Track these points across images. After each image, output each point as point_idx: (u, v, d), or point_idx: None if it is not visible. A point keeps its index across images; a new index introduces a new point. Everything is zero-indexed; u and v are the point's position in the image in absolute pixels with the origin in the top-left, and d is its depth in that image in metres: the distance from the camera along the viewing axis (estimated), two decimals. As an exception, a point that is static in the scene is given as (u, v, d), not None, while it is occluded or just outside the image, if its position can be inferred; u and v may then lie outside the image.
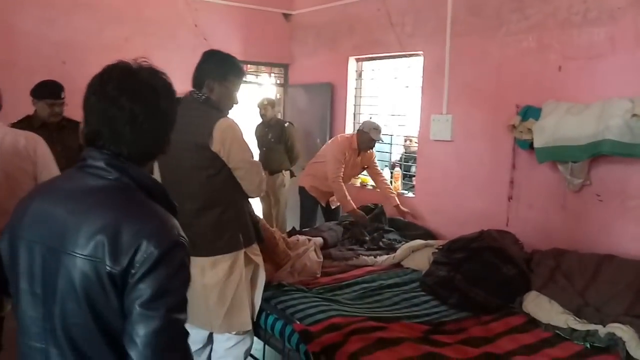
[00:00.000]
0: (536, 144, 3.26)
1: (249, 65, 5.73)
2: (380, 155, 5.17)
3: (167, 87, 1.13)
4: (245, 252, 2.37)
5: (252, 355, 2.54)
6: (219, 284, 2.30)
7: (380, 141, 4.29)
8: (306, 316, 2.39)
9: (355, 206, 4.13)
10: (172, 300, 1.01)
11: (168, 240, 1.01)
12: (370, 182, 4.98)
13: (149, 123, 1.07)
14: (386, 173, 4.83)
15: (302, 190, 4.54)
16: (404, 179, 4.78)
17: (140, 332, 0.97)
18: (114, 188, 1.06)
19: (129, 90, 1.06)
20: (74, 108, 4.03)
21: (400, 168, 4.79)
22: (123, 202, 1.04)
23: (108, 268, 0.98)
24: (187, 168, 2.26)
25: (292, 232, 4.04)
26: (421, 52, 4.30)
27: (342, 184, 4.15)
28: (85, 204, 1.03)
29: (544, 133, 3.20)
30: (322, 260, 3.22)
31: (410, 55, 4.46)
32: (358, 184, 5.04)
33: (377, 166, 4.46)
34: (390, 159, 5.19)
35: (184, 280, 1.04)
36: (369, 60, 5.01)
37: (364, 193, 4.88)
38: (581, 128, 3.02)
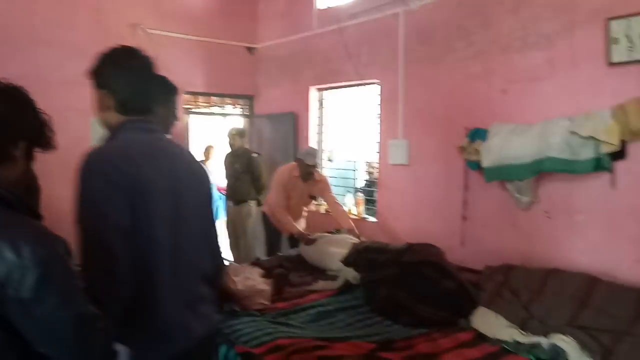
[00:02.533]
0: (484, 164, 3.35)
1: (213, 98, 5.83)
2: (344, 181, 5.25)
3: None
4: None
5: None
6: None
7: (316, 166, 4.32)
8: (252, 339, 2.37)
9: (299, 229, 4.24)
10: (75, 301, 1.04)
11: (44, 243, 1.02)
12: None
13: None
14: (349, 199, 4.88)
15: (265, 217, 4.57)
16: (367, 204, 4.83)
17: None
18: None
19: None
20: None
21: (363, 193, 4.84)
22: None
23: None
24: None
25: (256, 262, 4.04)
26: (377, 81, 4.42)
27: (283, 211, 4.27)
28: None
29: (491, 153, 3.30)
30: (268, 288, 3.18)
31: (368, 84, 4.59)
32: (322, 211, 5.07)
33: (330, 193, 4.45)
34: (355, 185, 5.24)
35: (70, 273, 1.06)
36: (329, 90, 5.13)
37: (327, 219, 4.90)
38: (524, 147, 3.13)
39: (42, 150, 1.19)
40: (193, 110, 5.86)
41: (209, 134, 7.43)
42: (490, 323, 2.58)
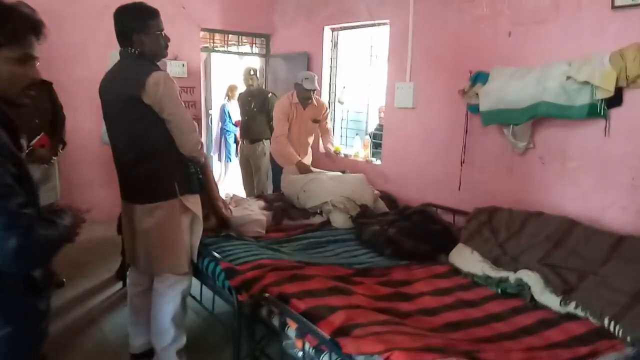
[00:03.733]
0: (481, 108, 3.36)
1: (229, 36, 5.87)
2: (355, 124, 5.31)
3: None
4: (181, 201, 2.49)
5: (191, 295, 2.73)
6: (156, 229, 2.46)
7: (314, 90, 4.39)
8: (237, 258, 2.58)
9: (298, 158, 4.33)
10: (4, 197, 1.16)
11: None
12: (342, 150, 5.13)
13: None
14: (357, 142, 4.96)
15: (271, 156, 4.73)
16: (376, 148, 4.90)
17: None
18: None
19: None
20: (50, 71, 4.20)
21: (371, 137, 4.90)
22: None
23: None
24: (122, 120, 2.39)
25: (260, 195, 4.24)
26: (388, 21, 4.38)
27: (285, 141, 4.37)
28: None
29: (489, 97, 3.30)
30: (264, 219, 3.36)
31: (379, 24, 4.55)
32: (332, 152, 5.18)
33: (326, 121, 4.67)
34: (367, 129, 5.29)
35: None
36: (343, 30, 5.10)
37: (336, 161, 5.03)
38: (522, 91, 3.12)
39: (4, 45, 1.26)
40: (209, 48, 5.92)
41: (229, 74, 7.50)
42: (465, 258, 2.70)
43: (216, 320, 2.66)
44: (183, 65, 5.29)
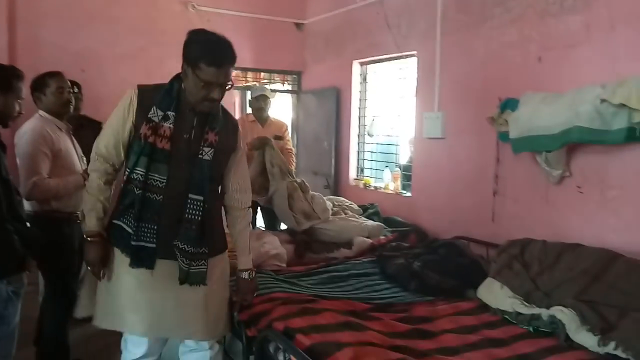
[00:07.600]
0: (511, 135, 3.21)
1: (262, 74, 5.99)
2: (386, 157, 5.21)
3: None
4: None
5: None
6: None
7: (265, 99, 4.31)
8: (249, 291, 2.48)
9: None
10: None
11: None
12: (372, 183, 5.03)
13: None
14: (387, 174, 4.85)
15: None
16: (408, 180, 4.76)
17: None
18: None
19: None
20: (91, 111, 4.29)
21: (401, 169, 4.78)
22: None
23: None
24: None
25: (283, 230, 4.14)
26: (415, 52, 4.34)
27: None
28: None
29: (519, 123, 3.15)
30: (284, 251, 3.28)
31: (406, 56, 4.51)
32: (361, 186, 5.09)
33: (288, 139, 4.56)
34: (397, 161, 5.17)
35: None
36: (371, 64, 5.09)
37: (365, 194, 4.93)
38: (554, 117, 2.96)
39: None
40: (242, 86, 6.02)
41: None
42: (494, 293, 2.52)
43: (227, 356, 2.55)
44: (215, 102, 5.41)
